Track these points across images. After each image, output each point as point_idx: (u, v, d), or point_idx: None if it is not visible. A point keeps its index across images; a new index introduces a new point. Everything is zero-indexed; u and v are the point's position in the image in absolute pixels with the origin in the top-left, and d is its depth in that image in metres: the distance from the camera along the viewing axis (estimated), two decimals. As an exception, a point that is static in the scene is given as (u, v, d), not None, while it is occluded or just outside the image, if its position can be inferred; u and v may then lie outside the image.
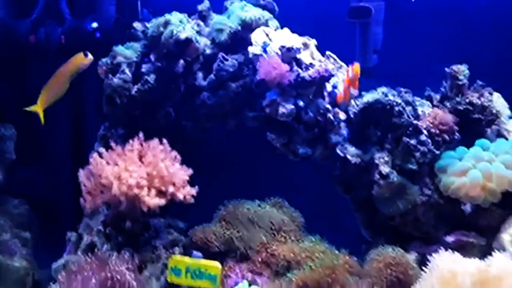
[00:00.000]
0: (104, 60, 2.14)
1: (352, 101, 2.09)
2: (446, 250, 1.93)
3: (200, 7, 2.22)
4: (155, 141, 2.01)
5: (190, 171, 1.98)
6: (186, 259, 1.98)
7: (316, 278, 1.89)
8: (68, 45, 2.16)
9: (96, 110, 2.20)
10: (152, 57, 2.15)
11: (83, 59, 2.01)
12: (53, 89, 2.01)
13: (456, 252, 1.89)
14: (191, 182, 2.00)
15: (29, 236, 2.21)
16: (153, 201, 1.88)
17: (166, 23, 2.10)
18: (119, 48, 2.14)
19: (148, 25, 2.16)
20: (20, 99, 2.17)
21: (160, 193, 1.93)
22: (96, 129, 2.22)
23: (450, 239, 2.03)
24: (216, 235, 2.08)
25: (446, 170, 2.01)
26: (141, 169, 1.92)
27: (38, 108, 1.99)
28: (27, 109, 2.00)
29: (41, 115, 1.99)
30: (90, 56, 2.03)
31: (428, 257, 1.89)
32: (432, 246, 2.02)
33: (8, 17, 2.21)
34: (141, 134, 2.01)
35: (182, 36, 2.08)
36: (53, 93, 2.01)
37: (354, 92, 1.98)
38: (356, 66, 1.96)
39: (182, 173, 1.97)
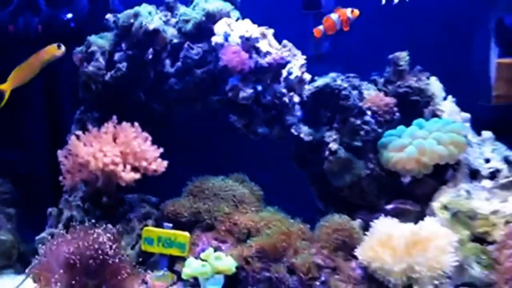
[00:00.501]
0: (79, 48, 2.23)
1: (306, 86, 2.22)
2: (387, 216, 2.09)
3: None
4: (127, 123, 2.12)
5: (161, 150, 2.11)
6: (158, 229, 2.11)
7: (273, 243, 2.01)
8: (44, 34, 2.26)
9: (72, 95, 2.28)
10: (123, 46, 2.24)
11: (55, 50, 2.10)
12: (23, 73, 2.09)
13: (394, 218, 2.06)
14: (162, 158, 2.11)
15: (13, 212, 2.30)
16: (129, 175, 2.02)
17: (136, 15, 2.19)
18: (93, 38, 2.23)
19: (119, 16, 2.23)
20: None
21: (134, 169, 2.06)
22: (72, 113, 2.30)
23: (390, 207, 2.18)
24: (184, 207, 2.18)
25: (387, 147, 2.16)
26: (115, 148, 2.06)
27: (6, 87, 2.07)
28: None
29: (7, 94, 2.06)
30: (62, 48, 2.11)
31: (371, 223, 2.06)
32: (375, 214, 2.14)
33: None
34: (114, 118, 2.12)
35: (151, 27, 2.18)
36: (22, 76, 2.09)
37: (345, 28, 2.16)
38: (356, 11, 2.13)
39: (153, 150, 2.11)
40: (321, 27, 2.17)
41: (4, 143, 2.31)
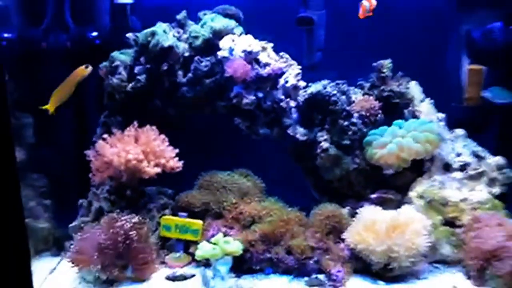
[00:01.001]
0: (104, 64, 2.35)
1: (301, 92, 2.35)
2: (371, 205, 2.24)
3: (178, 17, 2.42)
4: (147, 127, 2.27)
5: (176, 150, 2.25)
6: (175, 218, 2.24)
7: (273, 228, 2.14)
8: (73, 50, 2.38)
9: (97, 102, 2.41)
10: (142, 60, 2.35)
11: (84, 71, 2.27)
12: (61, 93, 2.27)
13: (378, 206, 2.21)
14: (177, 156, 2.24)
15: (49, 203, 2.39)
16: (153, 170, 2.18)
17: (153, 34, 2.31)
18: (116, 54, 2.36)
19: (138, 34, 2.35)
20: (37, 93, 2.36)
21: (156, 165, 2.20)
22: (97, 117, 2.43)
23: (374, 196, 2.31)
24: (196, 199, 2.29)
25: (371, 144, 2.29)
26: (137, 148, 2.20)
27: (50, 107, 2.26)
28: (42, 107, 2.25)
29: (51, 112, 2.25)
30: (89, 68, 2.28)
31: (358, 210, 2.21)
32: (361, 202, 2.29)
33: (23, 27, 2.38)
34: (135, 122, 2.26)
35: (166, 44, 2.30)
36: (61, 96, 2.27)
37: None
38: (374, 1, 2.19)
39: (170, 150, 2.26)
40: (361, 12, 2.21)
41: (40, 143, 2.39)
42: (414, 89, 2.43)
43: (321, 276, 2.10)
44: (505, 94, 2.31)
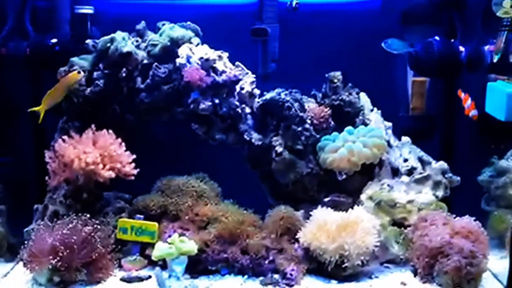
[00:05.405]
0: (63, 68, 2.30)
1: (256, 99, 2.37)
2: (324, 207, 2.24)
3: (138, 27, 2.41)
4: (104, 131, 2.23)
5: (134, 156, 2.21)
6: (131, 220, 2.20)
7: (228, 230, 2.13)
8: (32, 57, 2.34)
9: (56, 107, 2.30)
10: (101, 66, 2.32)
11: (76, 75, 2.23)
12: (53, 96, 2.21)
13: (330, 208, 2.21)
14: (134, 162, 2.21)
15: (4, 208, 2.31)
16: (107, 173, 2.13)
17: (112, 40, 2.29)
18: (75, 59, 2.32)
19: (97, 41, 2.32)
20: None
21: (111, 170, 2.16)
22: (54, 123, 2.36)
23: (327, 199, 2.30)
24: (154, 202, 2.26)
25: (324, 149, 2.30)
26: (95, 151, 2.17)
27: (41, 109, 2.19)
28: (33, 109, 2.18)
29: (42, 115, 2.19)
30: (82, 73, 2.24)
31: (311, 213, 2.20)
32: (315, 206, 2.26)
33: None
34: (93, 126, 2.23)
35: (125, 50, 2.28)
36: (53, 99, 2.22)
37: None
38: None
39: (127, 154, 2.22)
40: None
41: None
42: (363, 99, 2.47)
43: (276, 276, 2.09)
44: (400, 45, 2.35)
